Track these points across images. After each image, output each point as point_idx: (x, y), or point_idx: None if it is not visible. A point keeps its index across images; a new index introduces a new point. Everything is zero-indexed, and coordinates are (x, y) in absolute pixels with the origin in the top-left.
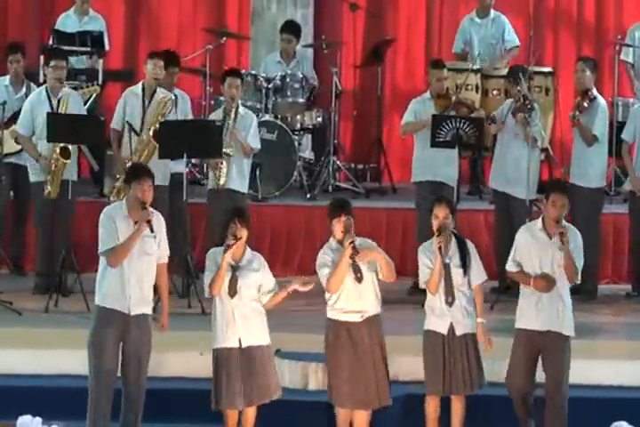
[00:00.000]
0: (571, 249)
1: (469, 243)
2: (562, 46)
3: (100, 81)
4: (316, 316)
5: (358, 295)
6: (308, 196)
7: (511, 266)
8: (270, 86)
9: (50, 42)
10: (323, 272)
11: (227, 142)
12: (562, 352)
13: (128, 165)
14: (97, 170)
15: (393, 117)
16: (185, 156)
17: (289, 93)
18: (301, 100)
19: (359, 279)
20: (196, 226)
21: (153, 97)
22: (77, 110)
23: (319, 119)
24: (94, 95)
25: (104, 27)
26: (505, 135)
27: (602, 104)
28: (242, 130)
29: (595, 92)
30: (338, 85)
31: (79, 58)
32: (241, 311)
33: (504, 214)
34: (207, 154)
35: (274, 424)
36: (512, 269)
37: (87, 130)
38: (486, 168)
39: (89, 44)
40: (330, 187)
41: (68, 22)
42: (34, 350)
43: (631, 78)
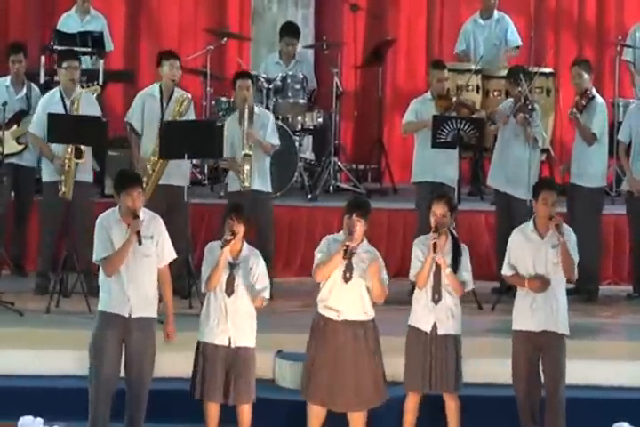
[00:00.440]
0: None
1: (465, 248)
2: (563, 47)
3: (101, 82)
4: None
5: (340, 294)
6: (309, 196)
7: (506, 270)
8: (271, 87)
9: (51, 42)
10: (317, 255)
11: (245, 144)
12: (558, 351)
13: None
14: (98, 170)
15: (394, 118)
16: (185, 156)
17: (290, 94)
18: (302, 100)
19: (347, 279)
20: (197, 227)
21: (170, 98)
22: (91, 111)
23: (320, 120)
24: (95, 95)
25: (105, 26)
26: (505, 135)
27: (600, 103)
28: (259, 129)
29: (593, 91)
30: (339, 86)
31: (83, 58)
32: (235, 310)
33: (505, 215)
34: (208, 155)
35: (273, 424)
36: (507, 272)
37: (88, 131)
38: (487, 169)
39: (90, 45)
40: (331, 188)
41: (70, 22)
42: (35, 351)
43: (633, 77)
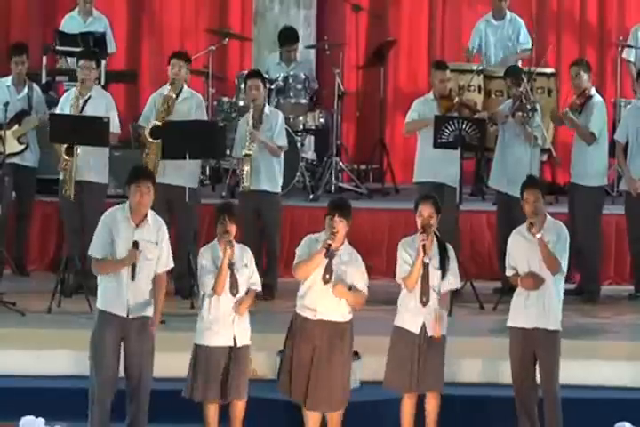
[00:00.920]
0: (553, 241)
1: (450, 248)
2: (564, 48)
3: (103, 82)
4: None
5: (318, 294)
6: (311, 197)
7: (508, 271)
8: (273, 87)
9: (53, 43)
10: (298, 252)
11: (248, 144)
12: (551, 347)
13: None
14: None
15: (396, 118)
16: (188, 156)
17: (291, 94)
18: (304, 101)
19: (326, 280)
20: (199, 227)
21: (178, 97)
22: (103, 111)
23: (322, 120)
24: None
25: (108, 27)
26: (505, 136)
27: (598, 102)
28: (267, 129)
29: (592, 90)
30: (340, 86)
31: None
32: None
33: (506, 215)
34: (210, 155)
35: (273, 424)
36: (509, 273)
37: (90, 131)
38: (489, 169)
39: (92, 46)
40: (332, 188)
41: (73, 23)
42: (37, 351)
43: (633, 77)
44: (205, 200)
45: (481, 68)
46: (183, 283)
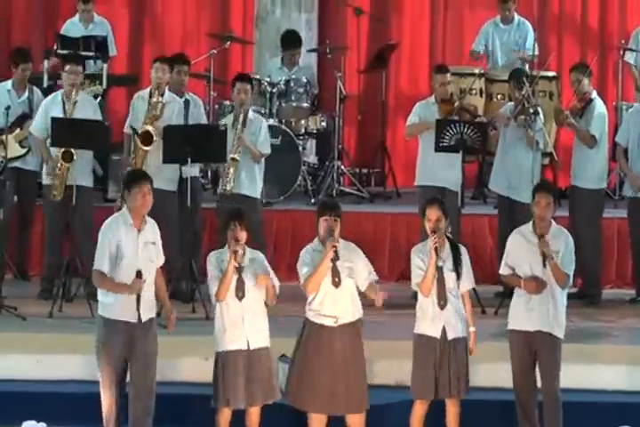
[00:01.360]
0: (561, 253)
1: (463, 248)
2: (566, 51)
3: (105, 86)
4: None
5: (334, 300)
6: (313, 200)
7: (504, 269)
8: (274, 91)
9: (54, 47)
10: (302, 270)
11: (234, 148)
12: (553, 352)
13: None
14: (101, 175)
15: (397, 122)
16: (189, 160)
17: (293, 98)
18: (306, 104)
19: (337, 284)
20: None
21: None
22: (89, 112)
23: (323, 124)
24: (99, 98)
25: (110, 30)
26: (507, 139)
27: (599, 105)
28: (251, 134)
29: (593, 94)
30: (342, 90)
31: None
32: (249, 313)
33: (507, 219)
34: (211, 159)
35: None
36: (504, 272)
37: (91, 135)
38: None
39: (93, 49)
40: (334, 191)
41: (74, 29)
42: (38, 355)
43: (635, 78)
44: (207, 204)
45: (482, 72)
46: (184, 286)
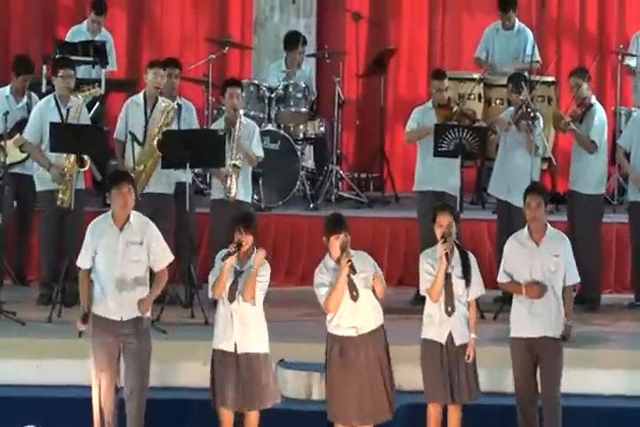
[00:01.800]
0: (562, 257)
1: (471, 255)
2: (564, 56)
3: (103, 91)
4: (318, 326)
5: (352, 312)
6: (312, 205)
7: (502, 277)
8: (273, 96)
9: (53, 52)
10: (321, 292)
11: (234, 154)
12: (557, 355)
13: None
14: (100, 180)
15: (395, 127)
16: (188, 166)
17: (292, 103)
18: (304, 109)
19: (355, 298)
20: (199, 235)
21: (155, 106)
22: (84, 120)
23: (322, 129)
24: (98, 103)
25: (112, 46)
26: (506, 144)
27: (598, 110)
28: (245, 139)
29: (592, 99)
30: (341, 95)
31: (85, 68)
32: (240, 317)
33: (506, 223)
34: (210, 164)
35: None
36: (503, 280)
37: (90, 140)
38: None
39: (92, 54)
40: (333, 196)
41: (81, 38)
42: (37, 361)
43: (636, 84)
44: (205, 209)
45: (481, 77)
46: (183, 293)
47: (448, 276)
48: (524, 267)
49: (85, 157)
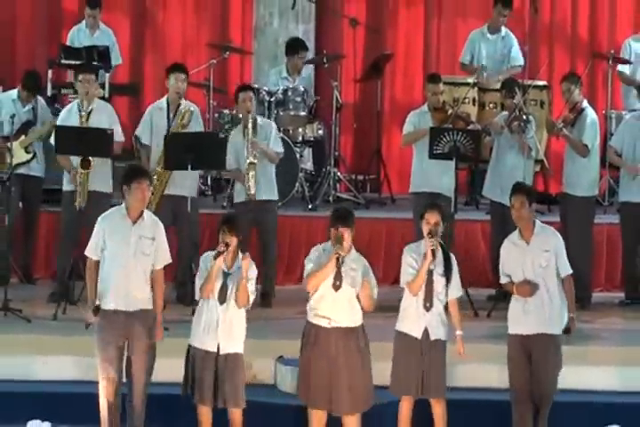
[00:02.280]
0: (552, 251)
1: (453, 257)
2: (557, 61)
3: (107, 94)
4: None
5: (331, 302)
6: (310, 206)
7: (502, 278)
8: (272, 100)
9: (58, 57)
10: (307, 266)
11: (249, 152)
12: (551, 351)
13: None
14: None
15: (392, 130)
16: (190, 167)
17: (291, 107)
18: (303, 113)
19: (337, 287)
20: (201, 236)
21: (177, 111)
22: (105, 122)
23: (320, 132)
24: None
25: (114, 40)
26: (500, 147)
27: (590, 114)
28: (263, 139)
29: (584, 103)
30: (338, 99)
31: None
32: (226, 318)
33: (499, 224)
34: (211, 166)
35: None
36: (503, 281)
37: (94, 142)
38: (482, 179)
39: (96, 59)
40: (331, 198)
41: (80, 36)
42: (43, 357)
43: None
44: (207, 210)
45: (475, 82)
46: (185, 290)
47: (430, 273)
48: (517, 266)
49: (91, 159)
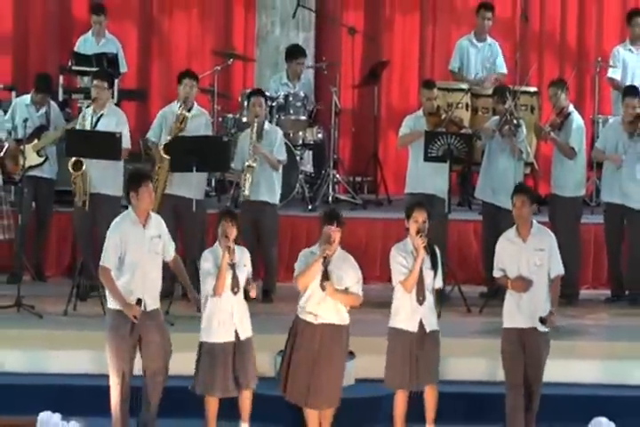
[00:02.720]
0: (547, 250)
1: (437, 249)
2: (546, 67)
3: (116, 100)
4: None
5: (319, 300)
6: (310, 207)
7: (496, 272)
8: (274, 105)
9: (69, 63)
10: (297, 266)
11: (250, 155)
12: (542, 345)
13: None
14: None
15: (388, 134)
16: (195, 169)
17: (292, 111)
18: (303, 117)
19: (324, 287)
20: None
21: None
22: (113, 126)
23: (320, 135)
24: None
25: (120, 48)
26: (491, 150)
27: (576, 118)
28: (268, 145)
29: (570, 108)
30: (337, 104)
31: None
32: (238, 306)
33: (491, 224)
34: (215, 168)
35: (275, 419)
36: (497, 275)
37: (103, 145)
38: (475, 181)
39: (105, 66)
40: (330, 198)
41: (87, 44)
42: (54, 351)
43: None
44: (212, 210)
45: (469, 88)
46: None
47: (420, 269)
48: (513, 262)
49: (82, 161)
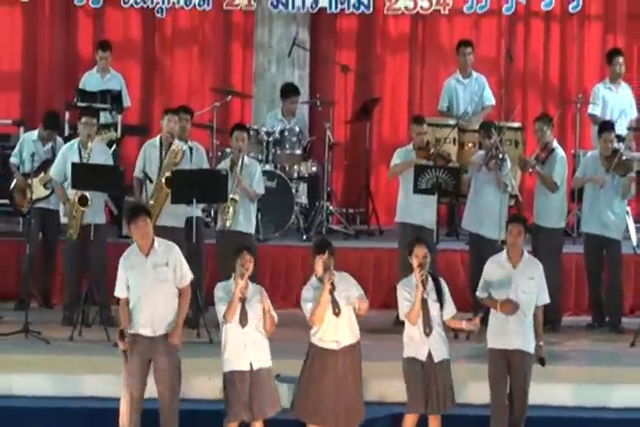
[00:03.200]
0: (536, 279)
1: (442, 281)
2: (530, 104)
3: (119, 134)
4: None
5: (334, 327)
6: (305, 237)
7: (481, 292)
8: (270, 139)
9: (74, 99)
10: (306, 307)
11: (233, 189)
12: (528, 367)
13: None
14: (116, 214)
15: (380, 167)
16: (195, 201)
17: (287, 146)
18: (298, 151)
19: (337, 313)
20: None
21: (170, 149)
22: (102, 158)
23: (314, 169)
24: (114, 146)
25: (123, 84)
26: (478, 183)
27: (560, 154)
28: (247, 177)
29: (554, 143)
30: (331, 139)
31: (103, 113)
32: (251, 338)
33: (477, 254)
34: (214, 199)
35: None
36: (481, 295)
37: (107, 178)
38: (462, 212)
39: (109, 102)
40: (324, 229)
41: (92, 80)
42: (60, 375)
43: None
44: (210, 240)
45: (456, 124)
46: (190, 314)
47: (424, 301)
48: (501, 286)
49: (88, 196)
